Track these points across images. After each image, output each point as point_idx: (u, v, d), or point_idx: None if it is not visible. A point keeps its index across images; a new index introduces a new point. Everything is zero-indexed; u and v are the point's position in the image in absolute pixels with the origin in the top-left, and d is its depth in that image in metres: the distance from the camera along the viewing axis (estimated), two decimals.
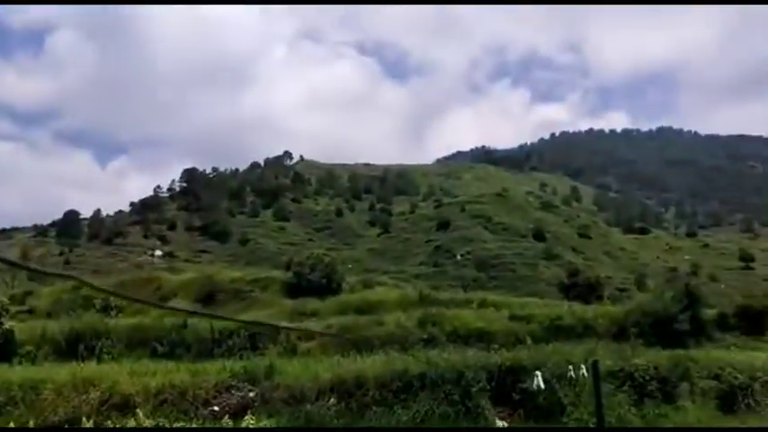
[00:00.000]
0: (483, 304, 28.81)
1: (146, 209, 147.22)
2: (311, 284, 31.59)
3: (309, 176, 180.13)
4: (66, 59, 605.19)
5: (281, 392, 14.80)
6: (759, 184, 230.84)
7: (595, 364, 8.15)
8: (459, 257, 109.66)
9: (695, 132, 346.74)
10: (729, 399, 15.87)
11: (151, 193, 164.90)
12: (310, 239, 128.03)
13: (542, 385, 14.34)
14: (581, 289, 43.30)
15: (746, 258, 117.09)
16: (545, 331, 23.88)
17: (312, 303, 28.27)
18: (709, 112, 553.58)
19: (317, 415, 14.11)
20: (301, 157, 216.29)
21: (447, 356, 16.43)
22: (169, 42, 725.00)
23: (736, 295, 33.88)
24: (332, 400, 14.67)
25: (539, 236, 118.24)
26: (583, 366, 14.20)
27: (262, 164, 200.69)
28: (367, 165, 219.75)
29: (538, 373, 14.66)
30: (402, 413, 14.24)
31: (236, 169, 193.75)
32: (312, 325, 24.63)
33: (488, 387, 14.94)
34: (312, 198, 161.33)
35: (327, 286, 31.89)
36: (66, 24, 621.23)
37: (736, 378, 16.64)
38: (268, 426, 12.17)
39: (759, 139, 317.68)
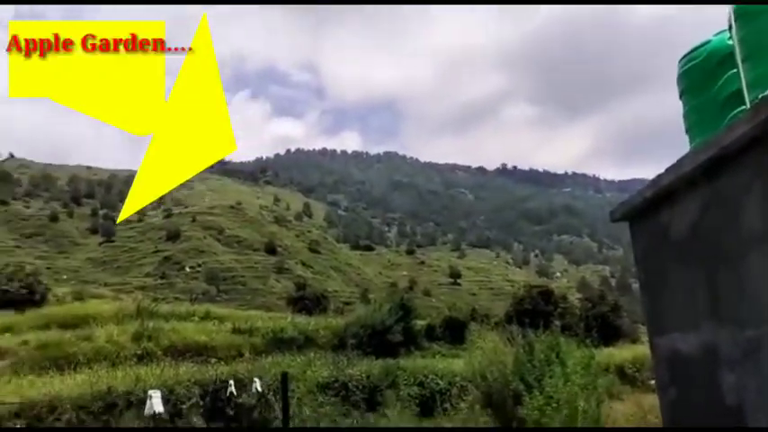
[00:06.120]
0: (206, 317, 27.86)
1: None
2: (8, 296, 27.79)
3: (20, 177, 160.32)
4: None
5: None
6: (467, 209, 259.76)
7: (284, 375, 8.10)
8: (188, 269, 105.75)
9: (416, 159, 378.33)
10: (429, 403, 17.23)
11: None
12: (18, 246, 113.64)
13: (234, 392, 14.10)
14: (308, 302, 44.41)
15: (455, 275, 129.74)
16: (267, 344, 23.76)
17: (7, 317, 24.79)
18: (428, 142, 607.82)
19: None
20: (11, 154, 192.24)
21: (158, 372, 15.43)
22: None
23: (445, 308, 37.15)
24: (18, 425, 12.86)
25: (271, 249, 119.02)
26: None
27: None
28: (90, 168, 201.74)
29: (231, 382, 14.45)
30: None
31: None
32: (6, 340, 21.61)
33: (201, 402, 14.31)
34: (22, 200, 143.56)
35: (29, 298, 28.34)
36: None
37: (437, 384, 18.13)
38: None
39: (468, 168, 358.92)
